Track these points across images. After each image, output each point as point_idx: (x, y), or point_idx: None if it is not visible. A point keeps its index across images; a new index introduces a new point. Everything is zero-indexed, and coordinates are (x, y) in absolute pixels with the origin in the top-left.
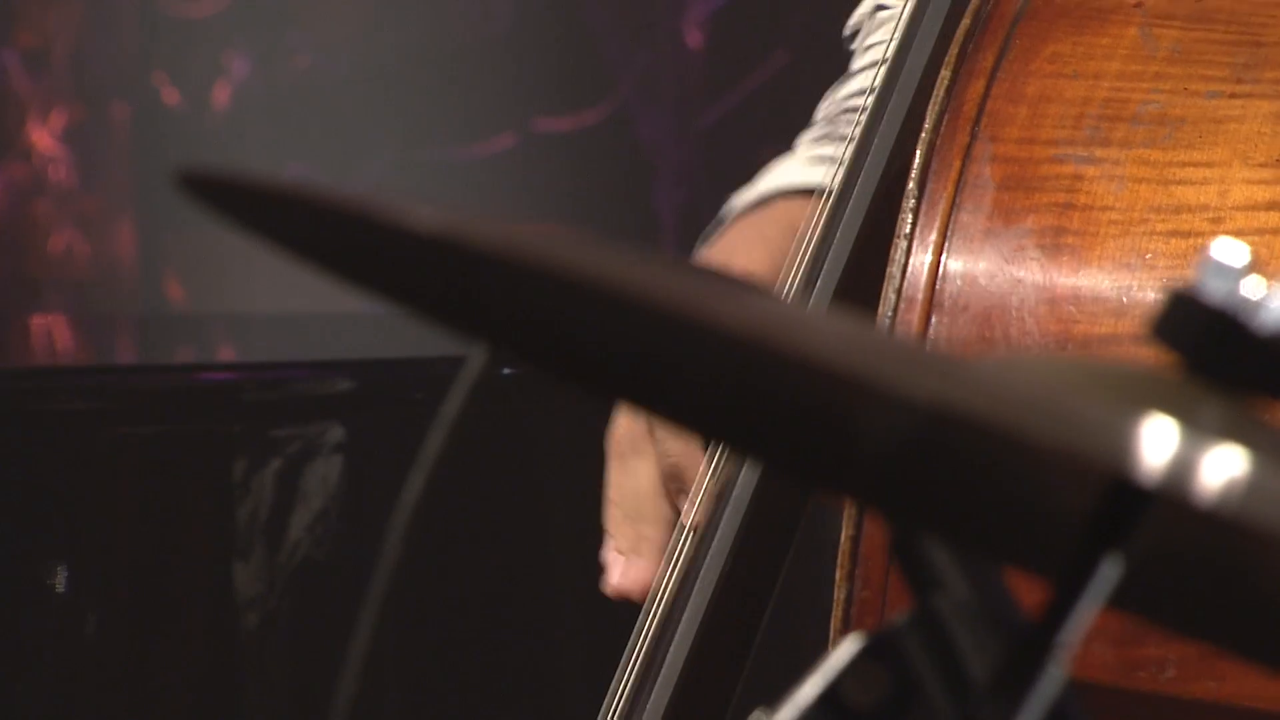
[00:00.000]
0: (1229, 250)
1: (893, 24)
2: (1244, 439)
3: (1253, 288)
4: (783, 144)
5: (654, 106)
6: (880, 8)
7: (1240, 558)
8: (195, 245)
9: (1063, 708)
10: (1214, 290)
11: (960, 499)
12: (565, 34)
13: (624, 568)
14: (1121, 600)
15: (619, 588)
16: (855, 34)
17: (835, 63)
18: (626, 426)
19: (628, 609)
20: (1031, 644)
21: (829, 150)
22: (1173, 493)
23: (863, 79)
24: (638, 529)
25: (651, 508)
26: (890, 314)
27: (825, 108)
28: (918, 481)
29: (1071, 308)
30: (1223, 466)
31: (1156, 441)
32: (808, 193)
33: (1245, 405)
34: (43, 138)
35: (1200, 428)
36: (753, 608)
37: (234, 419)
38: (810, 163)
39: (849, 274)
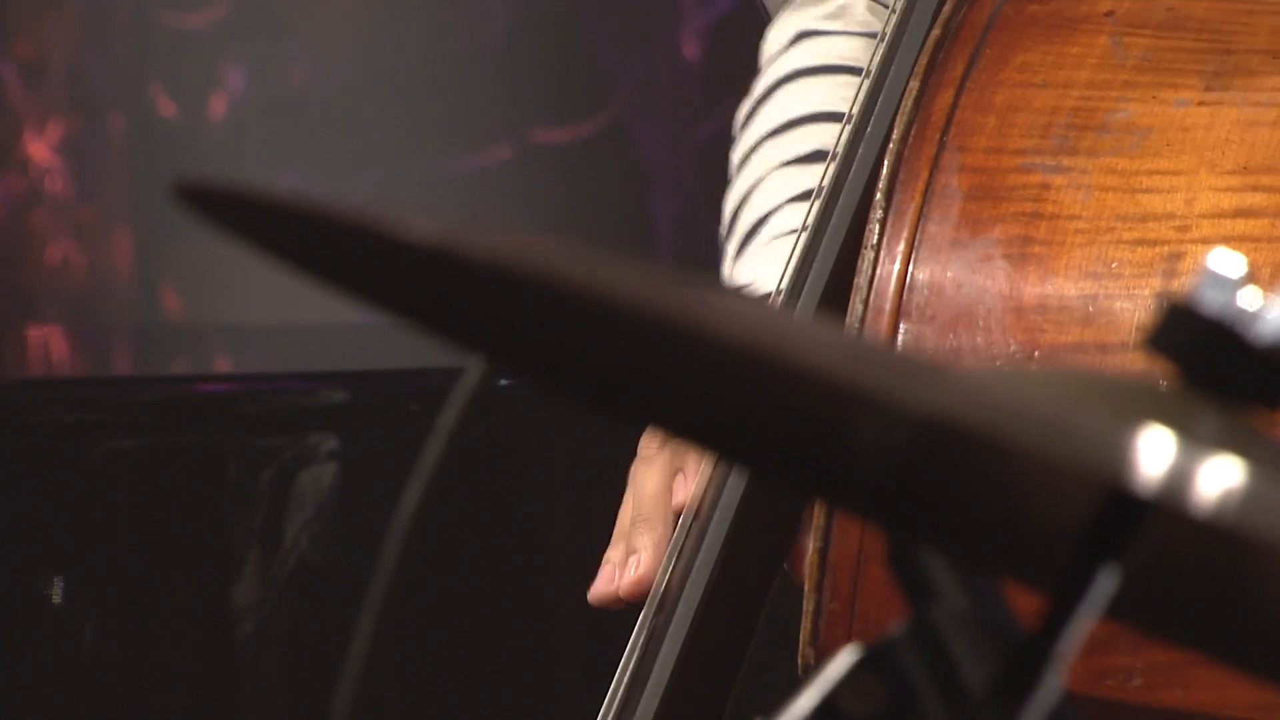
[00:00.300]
0: (1226, 261)
1: (821, 7)
2: (1241, 450)
3: (1249, 299)
4: None
5: (651, 118)
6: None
7: (1237, 568)
8: (192, 257)
9: (1060, 718)
10: (1211, 301)
11: (957, 510)
12: (562, 45)
13: (622, 569)
14: (1118, 610)
15: (620, 587)
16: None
17: None
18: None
19: (625, 620)
20: (1028, 655)
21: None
22: (1170, 503)
23: (808, 90)
24: (640, 530)
25: (656, 510)
26: (858, 324)
27: (761, 129)
28: (915, 492)
29: (1038, 316)
30: (1219, 477)
31: (1153, 452)
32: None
33: (1242, 416)
34: (39, 149)
35: (1197, 438)
36: (744, 616)
37: (230, 430)
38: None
39: (834, 283)
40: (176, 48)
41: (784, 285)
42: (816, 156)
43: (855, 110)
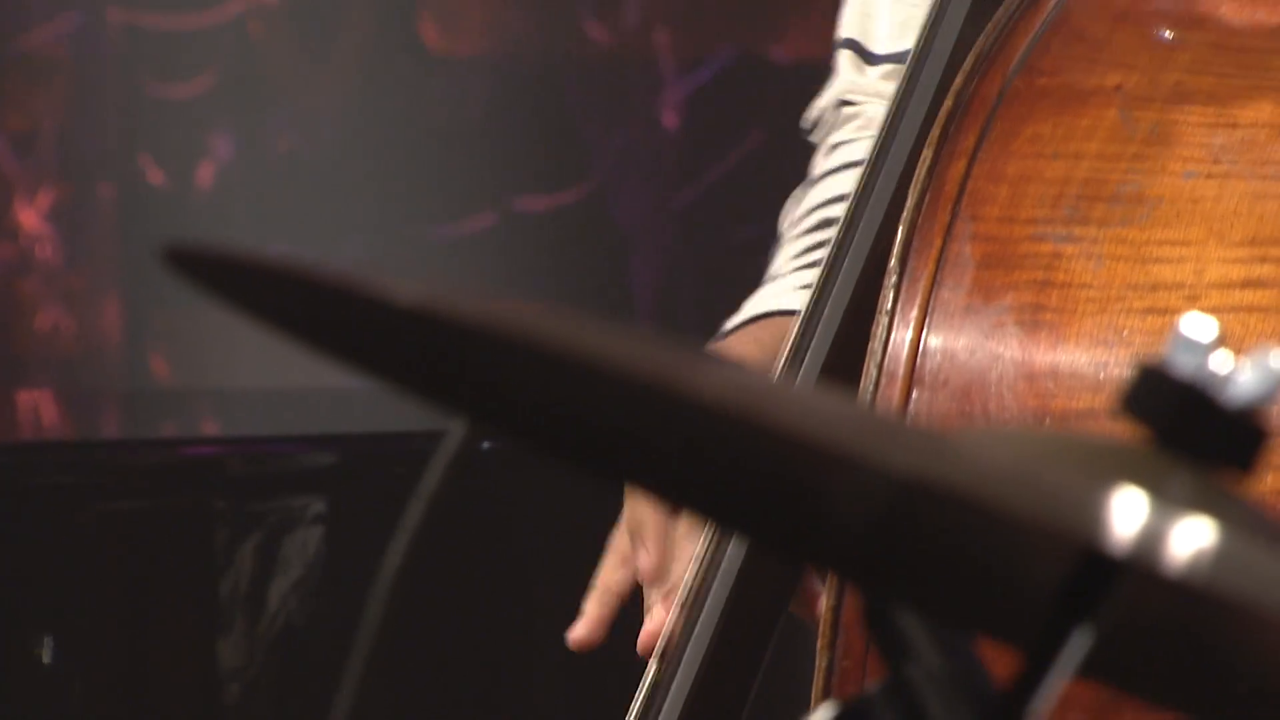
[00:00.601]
0: (1198, 325)
1: (858, 121)
2: (1213, 510)
3: (1221, 362)
4: (757, 223)
5: (631, 187)
6: (845, 103)
7: (1209, 627)
8: (180, 322)
9: None
10: (1183, 364)
11: (933, 569)
12: (544, 115)
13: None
14: (1093, 670)
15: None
16: (815, 126)
17: (809, 145)
18: None
19: (611, 680)
20: (1003, 714)
21: (814, 275)
22: (1143, 563)
23: (834, 183)
24: (605, 576)
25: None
26: (872, 389)
27: (796, 215)
28: (892, 552)
29: (1049, 383)
30: (1191, 537)
31: (1126, 513)
32: (789, 312)
33: (1214, 477)
34: (30, 217)
35: (1170, 499)
36: (748, 663)
37: (217, 492)
38: (799, 289)
39: (835, 351)
40: (164, 118)
41: (786, 354)
42: (821, 226)
43: (858, 183)
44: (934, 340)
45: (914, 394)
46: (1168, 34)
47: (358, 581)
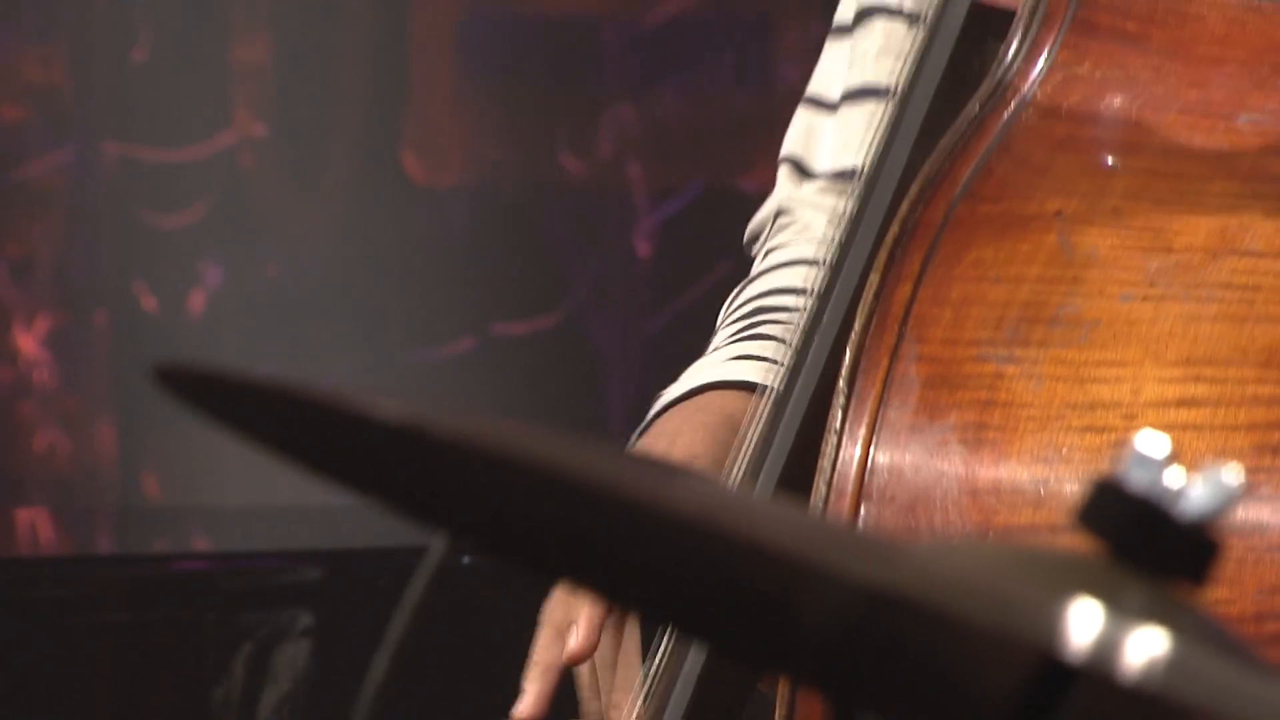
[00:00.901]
0: (1152, 442)
1: (794, 226)
2: (1166, 620)
3: (1174, 477)
4: None
5: (605, 312)
6: (780, 213)
7: None
8: (171, 443)
9: None
10: (1137, 479)
11: (896, 678)
12: (522, 244)
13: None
14: None
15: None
16: (755, 239)
17: None
18: None
19: None
20: None
21: (751, 347)
22: (1099, 671)
23: (771, 279)
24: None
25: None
26: (822, 504)
27: (731, 311)
28: (855, 661)
29: (992, 499)
30: (1146, 646)
31: (1083, 623)
32: (735, 385)
33: (1167, 589)
34: (28, 342)
35: (1124, 610)
36: None
37: (208, 606)
38: (733, 360)
39: (790, 466)
40: (157, 247)
41: (743, 467)
42: (755, 313)
43: (810, 303)
44: (881, 458)
45: (862, 509)
46: (1110, 160)
47: (346, 692)
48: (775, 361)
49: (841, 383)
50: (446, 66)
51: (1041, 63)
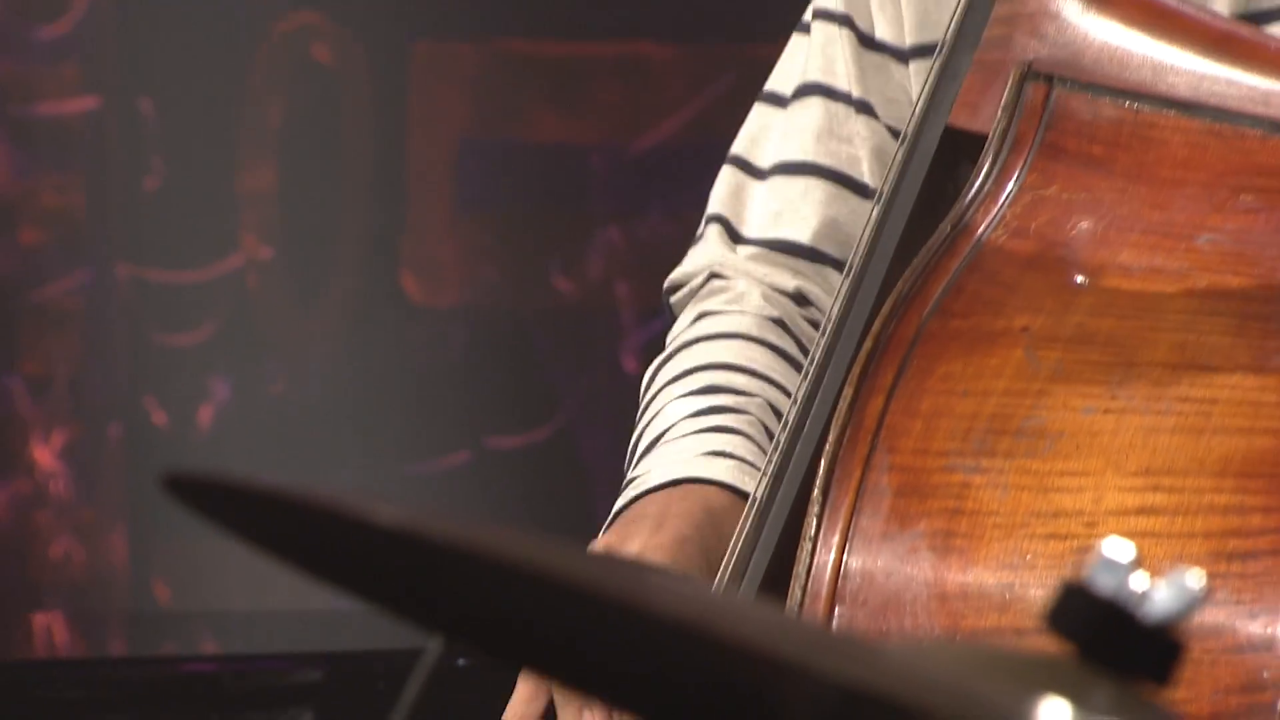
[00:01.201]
0: (1118, 547)
1: (728, 294)
2: (1132, 718)
3: (1139, 581)
4: None
5: (595, 426)
6: (715, 275)
7: None
8: (180, 551)
9: None
10: (1104, 583)
11: None
12: (515, 361)
13: None
14: None
15: None
16: (677, 289)
17: None
18: None
19: None
20: None
21: (720, 441)
22: None
23: (713, 349)
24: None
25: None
26: (797, 607)
27: (671, 373)
28: None
29: (960, 603)
30: None
31: None
32: (713, 483)
33: (1133, 688)
34: (44, 455)
35: (1092, 709)
36: None
37: (214, 706)
38: (707, 455)
39: (771, 571)
40: (168, 364)
41: (727, 570)
42: (710, 390)
43: (791, 414)
44: (854, 563)
45: (836, 611)
46: (1075, 278)
47: None
48: (746, 460)
49: (816, 491)
50: (444, 192)
51: (1011, 185)
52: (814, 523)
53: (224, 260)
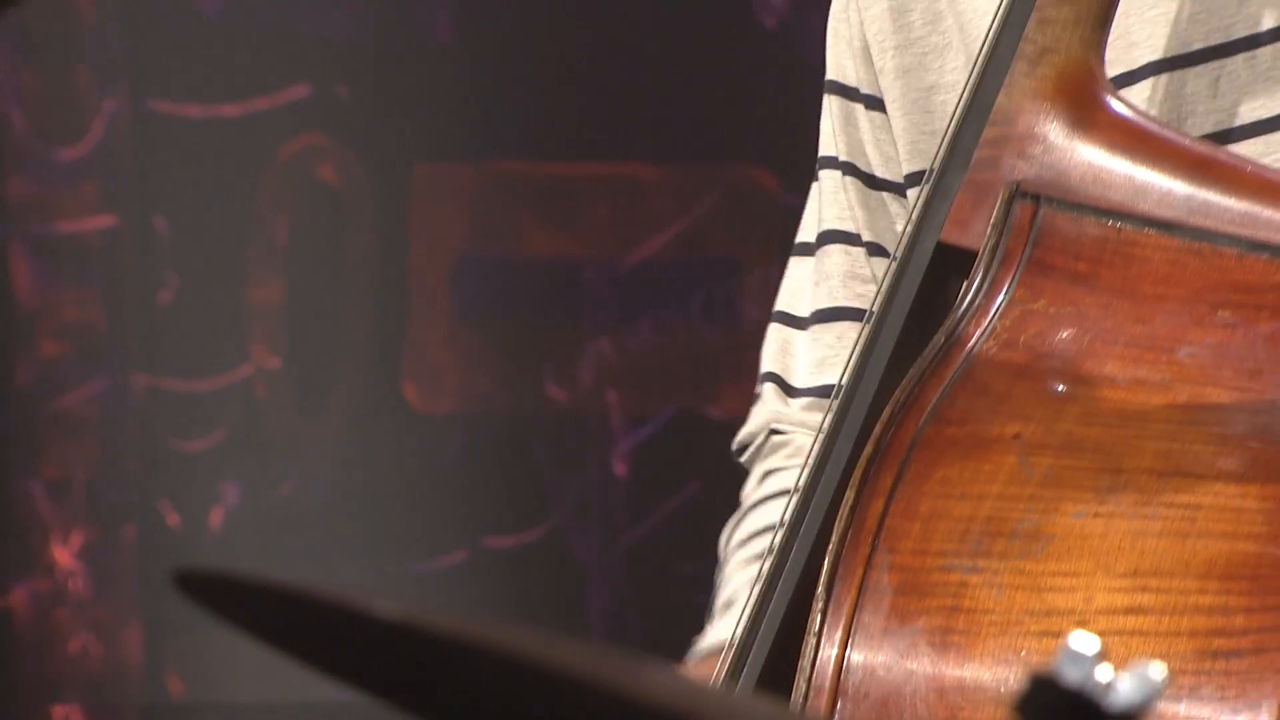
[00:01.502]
0: (1083, 640)
1: (787, 449)
2: None
3: (1104, 673)
4: (696, 561)
5: (586, 527)
6: (774, 431)
7: None
8: (192, 645)
9: None
10: (1070, 674)
11: None
12: (510, 465)
13: None
14: None
15: None
16: (744, 449)
17: (740, 490)
18: None
19: None
20: None
21: None
22: None
23: (772, 509)
24: None
25: None
26: (801, 701)
27: (738, 537)
28: None
29: (957, 697)
30: None
31: None
32: None
33: None
34: (63, 555)
35: None
36: None
37: None
38: None
39: (770, 664)
40: (180, 468)
41: (725, 665)
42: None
43: (792, 516)
44: (856, 658)
45: (839, 705)
46: (1063, 388)
47: None
48: None
49: (820, 589)
50: (443, 305)
51: (1001, 299)
52: (818, 618)
53: (234, 370)
